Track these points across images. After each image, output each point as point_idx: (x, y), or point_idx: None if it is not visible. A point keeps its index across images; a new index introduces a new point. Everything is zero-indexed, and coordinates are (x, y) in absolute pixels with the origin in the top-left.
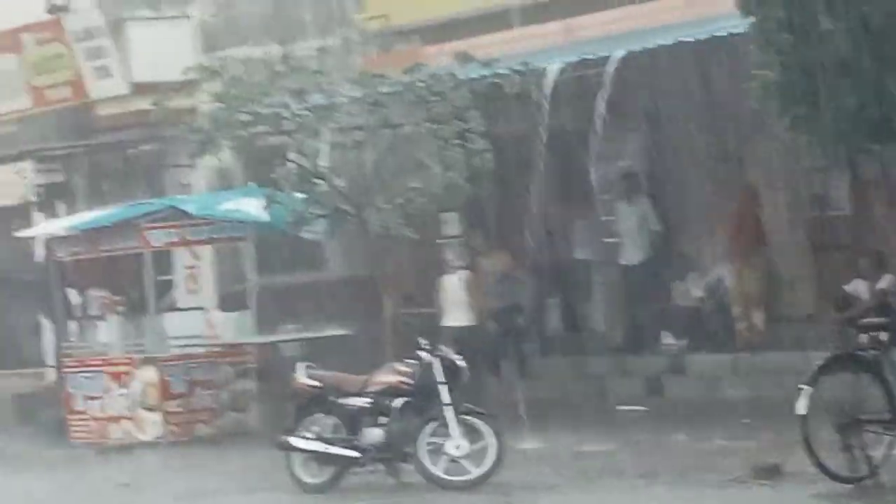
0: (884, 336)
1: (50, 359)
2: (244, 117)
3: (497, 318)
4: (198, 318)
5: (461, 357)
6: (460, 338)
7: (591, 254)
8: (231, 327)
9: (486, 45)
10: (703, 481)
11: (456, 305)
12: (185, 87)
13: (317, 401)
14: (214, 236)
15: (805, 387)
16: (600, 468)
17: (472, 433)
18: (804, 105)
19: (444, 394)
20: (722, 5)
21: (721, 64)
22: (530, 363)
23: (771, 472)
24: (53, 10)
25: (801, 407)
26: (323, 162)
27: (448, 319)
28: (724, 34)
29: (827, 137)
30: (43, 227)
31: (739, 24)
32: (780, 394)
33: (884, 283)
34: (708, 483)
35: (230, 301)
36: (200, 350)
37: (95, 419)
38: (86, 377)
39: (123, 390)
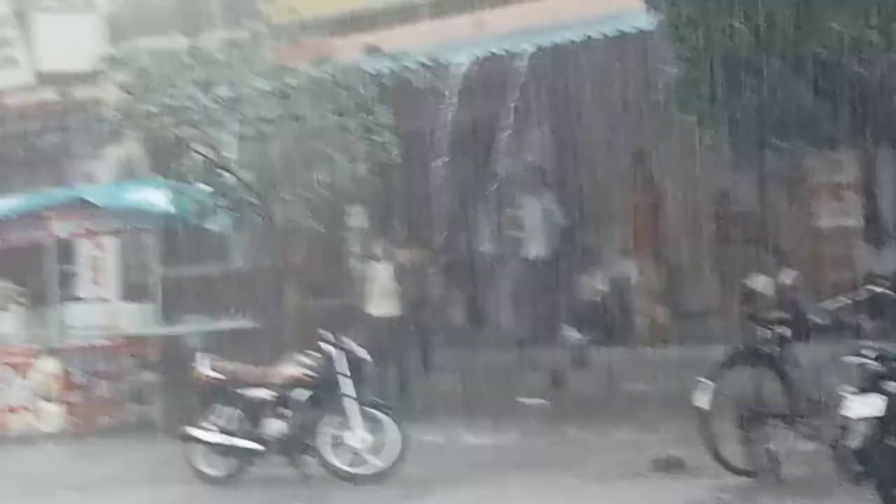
0: (784, 330)
1: None
2: (151, 108)
3: (406, 311)
4: (101, 309)
5: (365, 350)
6: (387, 327)
7: (496, 247)
8: (134, 318)
9: (395, 38)
10: (604, 475)
11: (383, 295)
12: (92, 77)
13: (219, 392)
14: (119, 227)
15: (706, 381)
16: (501, 461)
17: (374, 425)
18: (709, 101)
19: (347, 386)
20: (630, 1)
21: (629, 60)
22: (434, 356)
23: (671, 466)
24: None
25: (703, 401)
26: (229, 154)
27: (375, 308)
28: (632, 30)
29: (731, 134)
30: None
31: (647, 21)
32: (682, 388)
33: (785, 277)
34: (608, 476)
35: (134, 292)
36: (103, 341)
37: None
38: None
39: (24, 381)
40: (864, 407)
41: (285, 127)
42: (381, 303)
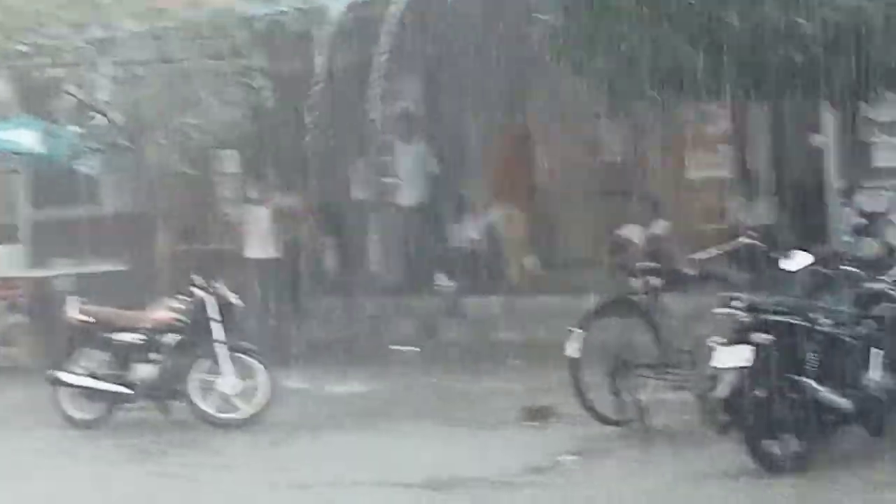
0: (656, 281)
1: None
2: (21, 48)
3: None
4: None
5: (237, 294)
6: (266, 269)
7: (369, 194)
8: (2, 260)
9: None
10: (473, 422)
11: (261, 238)
12: None
13: (88, 336)
14: None
15: (576, 330)
16: (370, 408)
17: (244, 371)
18: (584, 50)
19: (217, 331)
20: None
21: (504, 7)
22: (305, 302)
23: (540, 414)
24: None
25: (573, 350)
26: (101, 96)
27: (253, 252)
28: None
29: (604, 83)
30: None
31: None
32: (552, 337)
33: (657, 228)
34: (477, 424)
35: (2, 233)
36: None
37: None
38: None
39: None
40: (732, 358)
41: (157, 70)
42: (256, 247)
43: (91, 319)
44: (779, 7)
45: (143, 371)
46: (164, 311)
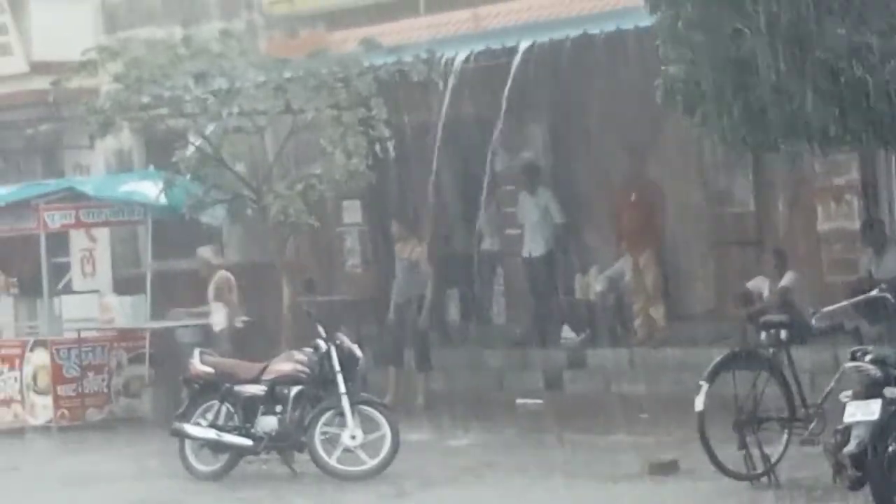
0: (783, 334)
1: None
2: (144, 99)
3: (401, 308)
4: (92, 302)
5: (359, 345)
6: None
7: (494, 245)
8: (126, 311)
9: (393, 32)
10: (599, 476)
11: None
12: (86, 67)
13: (211, 388)
14: (112, 219)
15: (703, 383)
16: (496, 462)
17: (367, 423)
18: (711, 102)
19: (341, 383)
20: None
21: (628, 58)
22: (430, 354)
23: (667, 469)
24: None
25: (699, 403)
26: (224, 146)
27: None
28: (632, 28)
29: (732, 135)
30: None
31: (647, 18)
32: (678, 390)
33: (786, 280)
34: (603, 478)
35: (126, 285)
36: (94, 334)
37: None
38: None
39: (15, 373)
40: (862, 412)
41: (280, 120)
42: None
43: (214, 371)
44: None
45: (267, 423)
46: (287, 363)
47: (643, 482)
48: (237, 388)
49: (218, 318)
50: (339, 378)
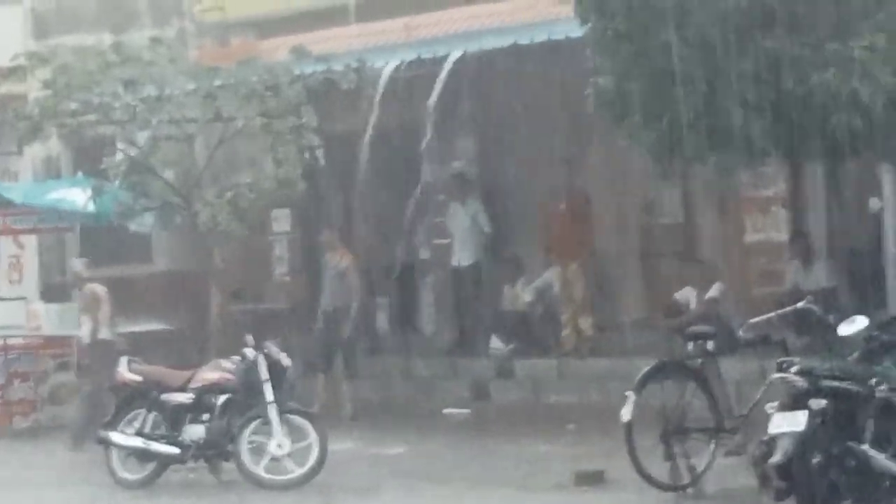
0: (711, 345)
1: None
2: (73, 105)
3: (330, 317)
4: (19, 309)
5: (287, 354)
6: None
7: (423, 254)
8: (53, 319)
9: (324, 40)
10: (526, 486)
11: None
12: (15, 72)
13: (138, 396)
14: (40, 226)
15: (630, 393)
16: (423, 471)
17: (295, 432)
18: (640, 113)
19: (268, 392)
20: (562, 9)
21: (557, 68)
22: (358, 363)
23: (594, 479)
24: None
25: (626, 413)
26: (153, 154)
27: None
28: (562, 38)
29: (660, 146)
30: None
31: (577, 29)
32: (605, 400)
33: (713, 291)
34: (530, 488)
35: (53, 292)
36: (21, 341)
37: None
38: None
39: None
40: (788, 423)
41: (210, 128)
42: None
43: (141, 379)
44: (837, 71)
45: (194, 432)
46: (215, 371)
47: (569, 492)
48: (164, 396)
49: (84, 330)
50: (267, 387)
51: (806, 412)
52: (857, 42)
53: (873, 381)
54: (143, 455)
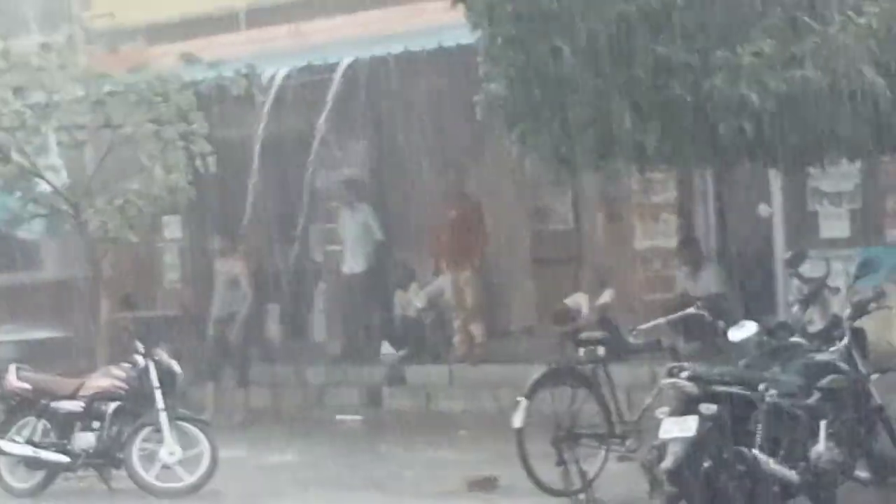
0: (601, 351)
1: None
2: None
3: (221, 324)
4: None
5: (177, 361)
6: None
7: (315, 260)
8: None
9: (215, 46)
10: (418, 493)
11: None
12: None
13: (28, 404)
14: None
15: (522, 399)
16: (314, 478)
17: (186, 440)
18: (530, 120)
19: (159, 399)
20: (453, 15)
21: (449, 75)
22: (250, 370)
23: (486, 485)
24: None
25: (518, 419)
26: (42, 161)
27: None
28: (453, 45)
29: (550, 152)
30: None
31: (468, 35)
32: (497, 406)
33: (604, 297)
34: (422, 494)
35: None
36: None
37: None
38: None
39: None
40: (678, 428)
41: (100, 135)
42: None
43: (30, 387)
44: (726, 77)
45: (84, 440)
46: (105, 379)
47: (462, 498)
48: (54, 404)
49: None
50: (158, 394)
51: (696, 417)
52: (746, 48)
53: (763, 385)
54: (33, 463)
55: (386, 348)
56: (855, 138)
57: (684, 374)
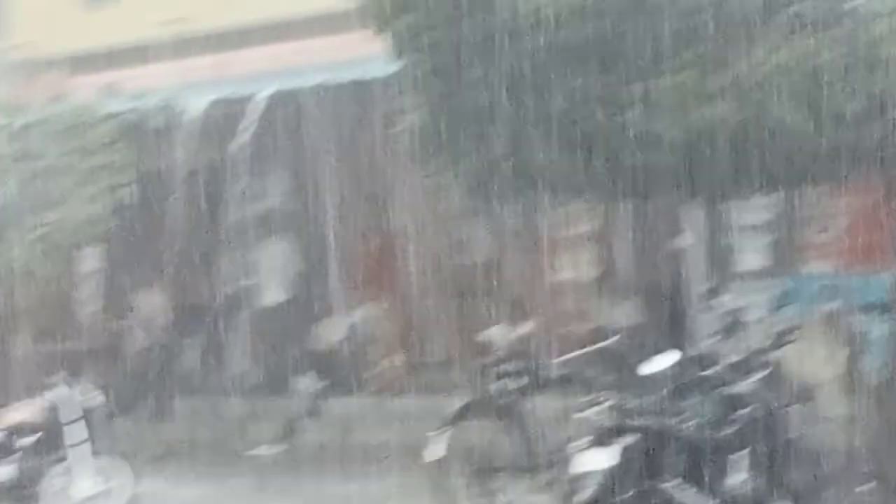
0: (520, 382)
1: None
2: None
3: (140, 356)
4: None
5: (96, 394)
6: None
7: (232, 293)
8: None
9: (136, 77)
10: None
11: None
12: None
13: None
14: None
15: (440, 431)
16: None
17: (102, 473)
18: (448, 151)
19: (68, 434)
20: (376, 46)
21: (368, 106)
22: (167, 403)
23: None
24: None
25: (436, 452)
26: None
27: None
28: (375, 75)
29: (470, 184)
30: None
31: (390, 67)
32: (415, 439)
33: (523, 329)
34: None
35: None
36: None
37: None
38: None
39: None
40: (592, 461)
41: (16, 167)
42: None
43: None
44: (642, 111)
45: (0, 474)
46: (22, 412)
47: None
48: None
49: None
50: (67, 429)
51: (612, 450)
52: (663, 82)
53: (679, 418)
54: None
55: (304, 381)
56: (769, 172)
57: (599, 406)
